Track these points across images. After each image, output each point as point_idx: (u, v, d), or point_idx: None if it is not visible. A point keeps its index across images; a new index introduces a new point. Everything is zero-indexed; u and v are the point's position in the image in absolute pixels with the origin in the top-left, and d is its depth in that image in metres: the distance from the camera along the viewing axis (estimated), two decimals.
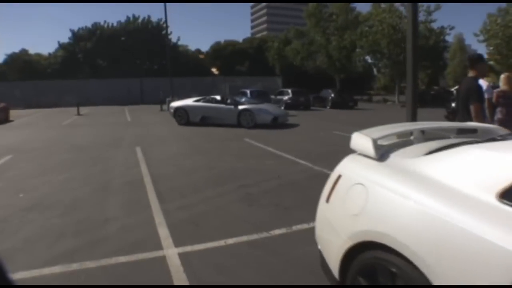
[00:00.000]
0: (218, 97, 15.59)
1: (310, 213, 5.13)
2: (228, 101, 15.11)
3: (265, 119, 14.13)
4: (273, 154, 9.02)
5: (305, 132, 13.48)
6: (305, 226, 4.37)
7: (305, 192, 5.78)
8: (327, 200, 2.77)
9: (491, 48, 53.23)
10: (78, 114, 22.21)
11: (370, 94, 47.23)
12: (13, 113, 21.75)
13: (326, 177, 2.80)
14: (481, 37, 31.27)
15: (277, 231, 4.23)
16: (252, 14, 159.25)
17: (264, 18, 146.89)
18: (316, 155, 8.71)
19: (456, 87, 35.43)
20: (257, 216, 4.73)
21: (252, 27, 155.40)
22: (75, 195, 5.59)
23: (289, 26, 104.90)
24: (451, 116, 14.77)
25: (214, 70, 47.06)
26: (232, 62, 50.97)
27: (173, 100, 25.46)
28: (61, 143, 11.11)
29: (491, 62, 60.61)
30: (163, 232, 4.14)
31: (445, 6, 28.76)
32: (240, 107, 14.60)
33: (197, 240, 3.93)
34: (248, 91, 23.30)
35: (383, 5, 29.88)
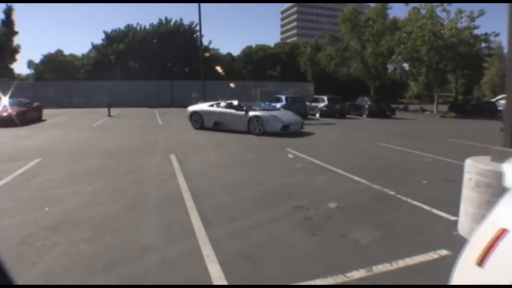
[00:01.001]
0: (235, 102, 14.88)
1: (387, 249, 4.18)
2: (244, 107, 14.35)
3: (274, 127, 13.46)
4: (321, 167, 8.10)
5: (348, 143, 12.47)
6: (387, 267, 3.55)
7: (372, 219, 4.88)
8: (480, 263, 1.81)
9: None
10: (109, 115, 21.91)
11: (403, 103, 45.51)
12: (46, 112, 21.67)
13: (390, 199, 1.94)
14: None
15: (355, 274, 3.38)
16: (282, 19, 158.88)
17: (294, 24, 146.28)
18: (370, 171, 7.79)
19: (499, 97, 33.57)
20: (325, 250, 3.85)
21: (282, 32, 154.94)
22: (106, 212, 4.83)
23: (319, 31, 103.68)
24: None
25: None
26: (264, 67, 50.29)
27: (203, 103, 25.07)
28: (91, 146, 10.53)
29: None
30: (214, 270, 3.31)
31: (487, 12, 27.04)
32: (251, 113, 13.90)
33: (257, 281, 3.07)
34: (283, 97, 22.41)
35: (422, 10, 28.50)
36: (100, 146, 10.52)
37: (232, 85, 44.49)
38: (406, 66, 31.89)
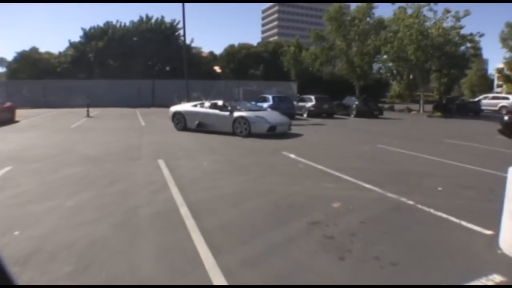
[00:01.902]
0: (219, 102, 14.11)
1: (431, 274, 3.47)
2: (229, 107, 13.63)
3: (260, 128, 12.80)
4: (326, 173, 7.44)
5: (345, 145, 11.88)
6: None
7: (401, 236, 4.30)
8: None
9: (507, 57, 51.58)
10: (88, 116, 20.74)
11: (385, 102, 45.55)
12: (20, 112, 20.33)
13: (412, 211, 1.51)
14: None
15: None
16: (263, 18, 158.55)
17: (275, 23, 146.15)
18: (377, 176, 7.23)
19: (481, 96, 33.76)
20: (362, 279, 3.23)
21: (263, 31, 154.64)
22: (91, 235, 4.02)
23: (300, 30, 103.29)
24: (507, 130, 13.09)
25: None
26: (246, 66, 49.50)
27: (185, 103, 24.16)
28: (70, 151, 9.56)
29: (507, 72, 59.17)
30: None
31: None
32: (236, 114, 13.20)
33: None
34: (270, 97, 21.72)
35: (409, 10, 28.33)
36: (80, 151, 9.57)
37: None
38: (391, 65, 31.55)
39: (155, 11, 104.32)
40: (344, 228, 4.43)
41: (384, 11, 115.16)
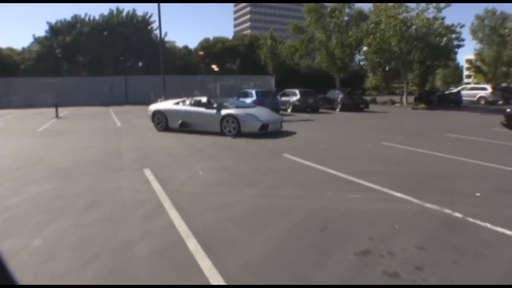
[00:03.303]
0: (203, 99, 12.92)
1: None
2: (214, 104, 12.45)
3: (251, 127, 11.69)
4: (343, 180, 6.42)
5: (346, 143, 10.92)
6: None
7: (475, 265, 3.49)
8: None
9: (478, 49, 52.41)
10: (57, 116, 18.97)
11: (365, 95, 45.29)
12: None
13: (465, 226, 1.05)
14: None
15: None
16: (235, 12, 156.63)
17: (248, 16, 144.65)
18: (401, 181, 6.39)
19: (460, 87, 33.72)
20: None
21: (236, 25, 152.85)
22: None
23: (273, 24, 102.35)
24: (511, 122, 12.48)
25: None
26: (222, 60, 48.08)
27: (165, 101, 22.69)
28: (36, 162, 8.09)
29: (478, 63, 60.26)
30: None
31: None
32: (223, 111, 12.03)
33: None
34: (253, 91, 20.57)
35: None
36: (49, 161, 8.13)
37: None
38: (373, 57, 30.92)
39: (126, 4, 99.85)
40: (403, 259, 3.45)
41: (364, 2, 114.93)
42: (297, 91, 23.04)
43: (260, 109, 13.12)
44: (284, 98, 23.21)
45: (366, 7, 38.27)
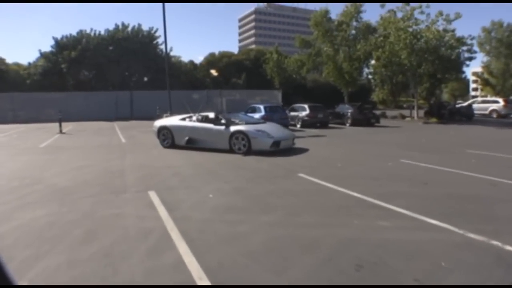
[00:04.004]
0: (211, 115, 12.35)
1: None
2: (222, 120, 11.86)
3: (262, 144, 11.01)
4: (369, 204, 5.79)
5: (363, 161, 10.28)
6: None
7: None
8: None
9: (485, 61, 51.85)
10: (61, 132, 18.53)
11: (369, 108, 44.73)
12: None
13: None
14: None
15: None
16: (240, 27, 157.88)
17: (252, 32, 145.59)
18: (434, 205, 5.74)
19: (471, 101, 33.08)
20: None
21: (240, 40, 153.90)
22: None
23: (276, 38, 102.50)
24: None
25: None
26: (228, 75, 47.85)
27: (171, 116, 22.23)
28: (34, 181, 7.52)
29: (486, 76, 59.69)
30: None
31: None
32: (232, 128, 11.44)
33: None
34: (261, 106, 20.04)
35: (399, 13, 27.37)
36: (47, 181, 7.56)
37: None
38: (382, 70, 30.42)
39: (132, 18, 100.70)
40: None
41: (370, 15, 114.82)
42: (306, 106, 22.48)
43: (270, 125, 12.55)
44: (292, 113, 22.65)
45: (374, 19, 37.94)
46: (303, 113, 21.95)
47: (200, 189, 6.74)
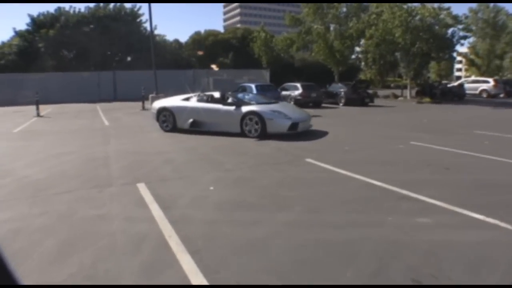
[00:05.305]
0: (216, 94, 11.07)
1: None
2: (229, 99, 10.62)
3: (279, 127, 9.78)
4: (397, 195, 5.01)
5: (371, 143, 9.45)
6: None
7: None
8: None
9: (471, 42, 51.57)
10: (38, 115, 17.20)
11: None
12: None
13: None
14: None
15: None
16: (224, 6, 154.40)
17: (238, 11, 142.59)
18: (467, 195, 5.06)
19: (462, 80, 32.65)
20: None
21: (225, 20, 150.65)
22: None
23: (263, 18, 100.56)
24: None
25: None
26: (215, 54, 46.31)
27: (158, 97, 21.01)
28: (3, 174, 6.44)
29: (472, 56, 59.62)
30: None
31: None
32: (244, 108, 10.15)
33: None
34: (252, 86, 19.06)
35: None
36: (17, 173, 6.48)
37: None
38: (373, 49, 29.53)
39: None
40: None
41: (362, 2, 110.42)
42: (298, 85, 21.54)
43: (285, 105, 11.32)
44: (284, 93, 21.67)
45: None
46: (296, 92, 21.02)
47: (198, 180, 5.82)
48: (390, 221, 4.08)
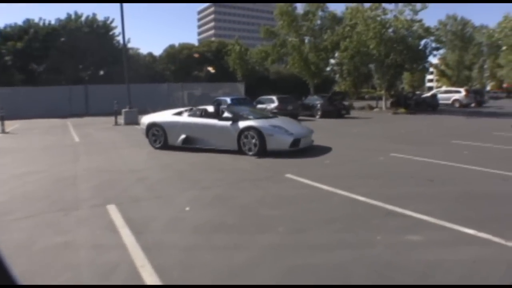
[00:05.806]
0: (210, 108, 10.47)
1: None
2: (225, 114, 9.95)
3: (280, 143, 9.04)
4: (382, 211, 4.82)
5: (353, 156, 9.32)
6: None
7: None
8: None
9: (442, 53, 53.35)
10: (3, 131, 16.37)
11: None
12: None
13: None
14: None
15: None
16: (199, 19, 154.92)
17: (212, 24, 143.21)
18: (458, 209, 4.88)
19: (434, 91, 33.42)
20: None
21: (199, 33, 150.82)
22: None
23: (236, 31, 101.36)
24: None
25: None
26: (189, 67, 45.97)
27: (131, 112, 20.44)
28: None
29: (442, 67, 61.65)
30: None
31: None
32: (241, 123, 9.40)
33: None
34: (228, 99, 18.83)
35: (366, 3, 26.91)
36: None
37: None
38: (347, 61, 29.96)
39: (85, 8, 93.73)
40: None
41: (336, 6, 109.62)
42: (274, 98, 21.42)
43: (284, 119, 10.66)
44: (260, 106, 21.42)
45: (340, 9, 37.60)
46: (272, 105, 20.85)
47: (174, 200, 5.45)
48: (379, 240, 3.84)
